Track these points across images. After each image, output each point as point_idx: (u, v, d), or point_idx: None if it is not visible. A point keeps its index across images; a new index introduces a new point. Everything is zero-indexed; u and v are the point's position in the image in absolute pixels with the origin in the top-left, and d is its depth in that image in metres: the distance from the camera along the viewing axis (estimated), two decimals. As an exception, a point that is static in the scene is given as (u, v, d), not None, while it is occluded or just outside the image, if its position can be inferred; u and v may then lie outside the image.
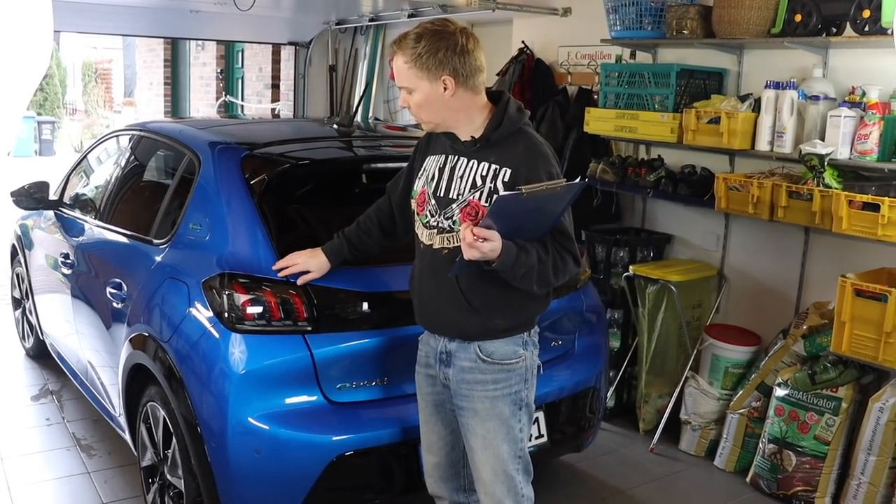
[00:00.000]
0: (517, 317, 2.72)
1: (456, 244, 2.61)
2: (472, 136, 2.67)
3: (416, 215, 2.81)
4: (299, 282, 3.04)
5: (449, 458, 2.94)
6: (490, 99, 2.71)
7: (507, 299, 2.66)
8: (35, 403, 4.99)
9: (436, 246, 2.71)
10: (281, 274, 3.06)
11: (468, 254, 2.44)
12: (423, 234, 2.78)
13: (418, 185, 2.81)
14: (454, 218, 2.66)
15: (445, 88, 2.59)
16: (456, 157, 2.71)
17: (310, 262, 3.06)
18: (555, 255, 2.55)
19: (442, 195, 2.70)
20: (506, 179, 2.58)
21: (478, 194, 2.62)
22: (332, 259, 3.07)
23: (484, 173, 2.63)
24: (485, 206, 2.59)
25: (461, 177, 2.67)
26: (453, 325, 2.74)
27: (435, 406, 2.89)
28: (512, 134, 2.65)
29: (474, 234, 2.41)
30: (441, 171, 2.73)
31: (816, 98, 4.10)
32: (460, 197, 2.65)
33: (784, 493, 4.11)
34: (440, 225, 2.69)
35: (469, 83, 2.60)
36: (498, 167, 2.61)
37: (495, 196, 2.49)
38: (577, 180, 2.44)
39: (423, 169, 2.82)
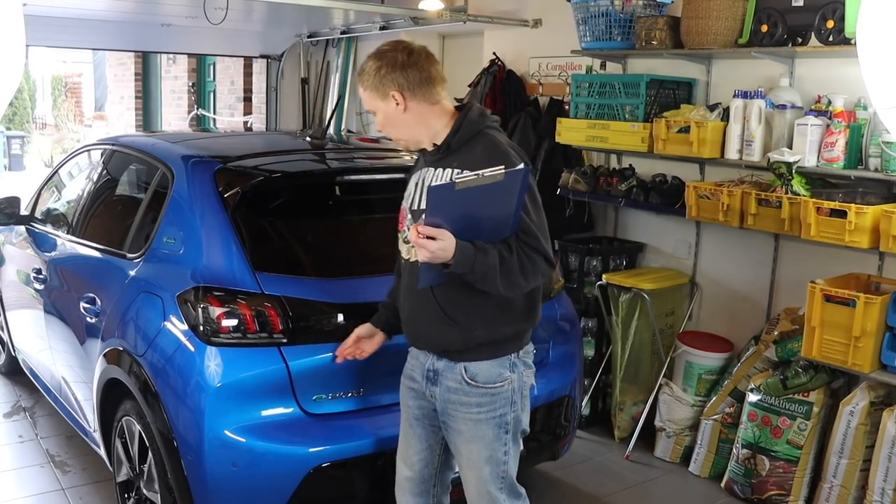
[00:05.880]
0: (500, 331, 2.66)
1: None
2: (435, 145, 2.69)
3: (398, 233, 2.80)
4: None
5: (421, 475, 2.89)
6: (459, 110, 2.71)
7: (485, 309, 2.61)
8: (7, 420, 4.94)
9: (412, 259, 2.68)
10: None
11: (420, 255, 2.41)
12: (403, 250, 2.77)
13: (402, 205, 2.80)
14: None
15: (397, 104, 2.63)
16: (427, 169, 2.71)
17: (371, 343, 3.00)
18: (521, 255, 2.49)
19: (416, 207, 2.69)
20: None
21: None
22: (384, 329, 2.99)
23: (447, 179, 2.59)
24: None
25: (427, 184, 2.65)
26: (432, 338, 2.71)
27: (415, 419, 2.85)
28: (472, 137, 2.64)
29: (419, 233, 2.37)
30: (417, 185, 2.73)
31: (784, 107, 4.16)
32: None
33: (758, 497, 4.15)
34: None
35: (419, 95, 2.63)
36: (460, 171, 2.54)
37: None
38: (520, 166, 2.41)
39: (406, 189, 2.81)
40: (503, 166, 2.40)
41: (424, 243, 2.37)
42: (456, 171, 2.58)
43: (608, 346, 5.02)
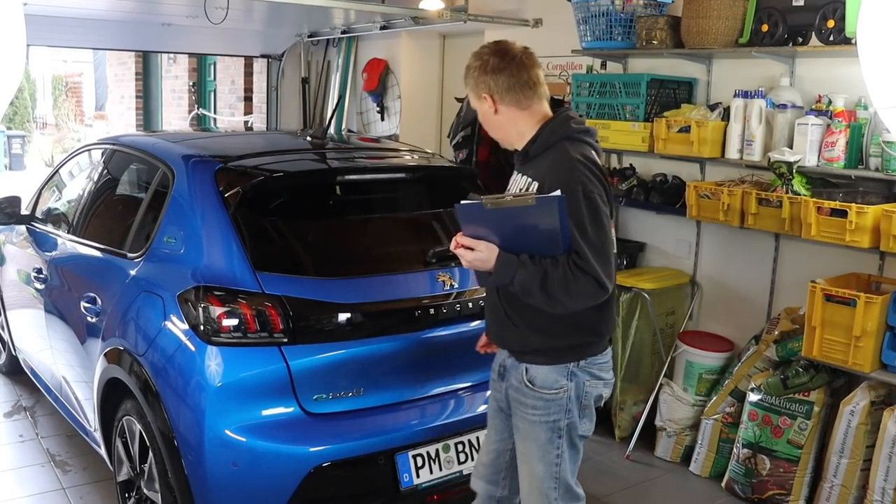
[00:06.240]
0: (557, 340, 2.67)
1: None
2: (517, 150, 2.75)
3: None
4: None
5: (494, 464, 2.97)
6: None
7: (543, 317, 2.62)
8: (8, 420, 4.94)
9: None
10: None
11: (462, 262, 2.58)
12: None
13: None
14: None
15: (488, 106, 2.70)
16: (515, 172, 2.78)
17: None
18: (566, 273, 2.46)
19: None
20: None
21: None
22: None
23: (522, 187, 2.66)
24: None
25: (510, 190, 2.74)
26: (497, 334, 2.84)
27: (494, 411, 2.95)
28: (549, 147, 2.64)
29: (457, 242, 2.54)
30: (508, 188, 2.80)
31: (784, 106, 4.16)
32: None
33: (759, 497, 4.15)
34: None
35: (507, 99, 2.67)
36: (531, 181, 2.63)
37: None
38: (554, 194, 2.41)
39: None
40: (535, 192, 2.46)
41: (461, 252, 2.56)
42: (529, 179, 2.64)
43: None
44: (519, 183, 2.70)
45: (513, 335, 2.74)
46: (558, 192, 2.40)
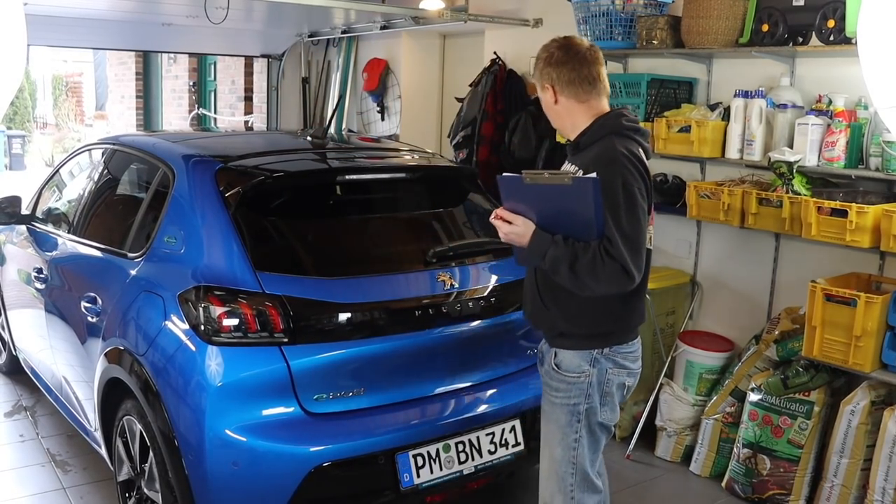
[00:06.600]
0: (582, 327, 2.79)
1: None
2: (569, 141, 2.87)
3: None
4: None
5: None
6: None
7: (573, 302, 2.74)
8: (8, 420, 4.94)
9: None
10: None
11: (499, 235, 2.72)
12: None
13: None
14: None
15: (550, 96, 2.84)
16: (566, 161, 2.89)
17: None
18: (596, 257, 2.54)
19: None
20: None
21: None
22: None
23: None
24: None
25: None
26: (531, 315, 2.96)
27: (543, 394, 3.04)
28: (598, 140, 2.74)
29: (497, 214, 2.69)
30: None
31: (784, 106, 4.16)
32: None
33: (759, 496, 4.15)
34: None
35: (567, 91, 2.80)
36: (577, 169, 2.71)
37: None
38: (590, 175, 2.51)
39: None
40: (573, 172, 2.59)
41: (499, 224, 2.70)
42: (576, 168, 2.73)
43: (609, 345, 5.01)
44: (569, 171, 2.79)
45: (543, 317, 2.86)
46: (594, 175, 2.50)
